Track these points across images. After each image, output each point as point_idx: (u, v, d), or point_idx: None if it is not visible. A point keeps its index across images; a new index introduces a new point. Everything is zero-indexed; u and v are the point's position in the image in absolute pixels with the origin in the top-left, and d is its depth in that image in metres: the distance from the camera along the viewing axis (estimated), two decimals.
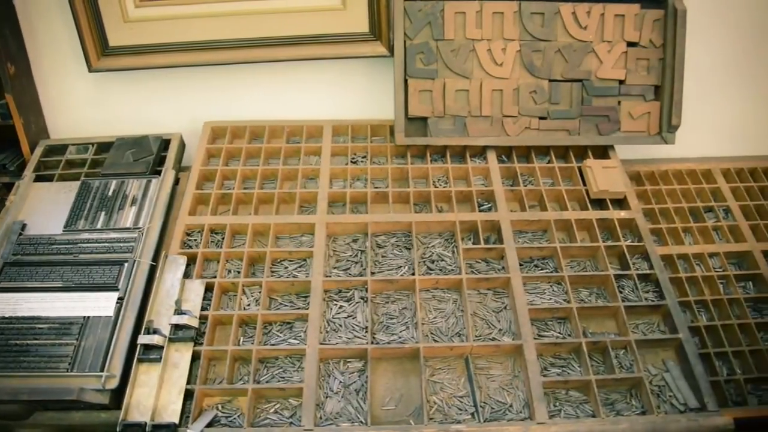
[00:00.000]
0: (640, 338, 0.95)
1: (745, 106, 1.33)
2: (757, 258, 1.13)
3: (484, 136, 1.17)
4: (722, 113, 1.33)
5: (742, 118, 1.34)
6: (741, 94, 1.31)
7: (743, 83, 1.30)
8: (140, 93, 1.24)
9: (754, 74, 1.29)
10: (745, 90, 1.31)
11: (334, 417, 0.87)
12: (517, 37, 1.15)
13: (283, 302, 1.00)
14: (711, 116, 1.33)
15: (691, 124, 1.32)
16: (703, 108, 1.32)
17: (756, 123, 1.34)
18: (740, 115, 1.33)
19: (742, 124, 1.34)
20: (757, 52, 1.27)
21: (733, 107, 1.33)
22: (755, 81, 1.30)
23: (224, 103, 1.26)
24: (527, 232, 1.10)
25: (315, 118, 1.24)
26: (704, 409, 0.88)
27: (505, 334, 0.96)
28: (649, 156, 1.32)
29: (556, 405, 0.89)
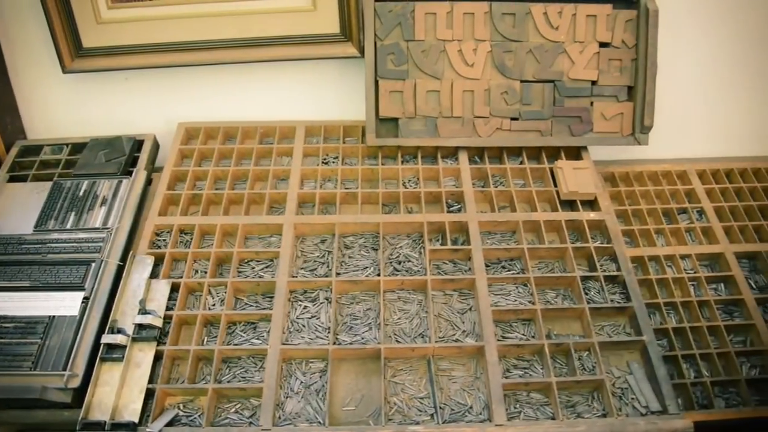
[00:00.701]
0: (604, 340, 0.94)
1: (722, 107, 1.32)
2: (729, 260, 1.13)
3: (455, 137, 1.17)
4: (700, 114, 1.32)
5: (719, 119, 1.33)
6: (718, 94, 1.30)
7: (721, 84, 1.29)
8: (117, 94, 1.25)
9: (731, 75, 1.28)
10: (723, 91, 1.30)
11: (293, 417, 0.87)
12: (488, 38, 1.14)
13: (248, 302, 1.01)
14: (688, 117, 1.32)
15: (668, 125, 1.32)
16: (680, 109, 1.31)
17: (733, 124, 1.33)
18: (717, 115, 1.32)
19: (719, 125, 1.33)
20: (734, 52, 1.26)
21: (711, 108, 1.32)
22: (732, 82, 1.29)
23: (200, 104, 1.26)
24: (496, 233, 1.10)
25: (289, 119, 1.24)
26: (666, 412, 0.88)
27: (469, 336, 0.96)
28: (625, 157, 1.31)
29: (517, 407, 0.89)
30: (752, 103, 1.31)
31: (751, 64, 1.27)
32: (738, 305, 1.09)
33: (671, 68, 1.26)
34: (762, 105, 1.31)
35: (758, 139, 1.33)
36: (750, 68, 1.28)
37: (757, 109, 1.32)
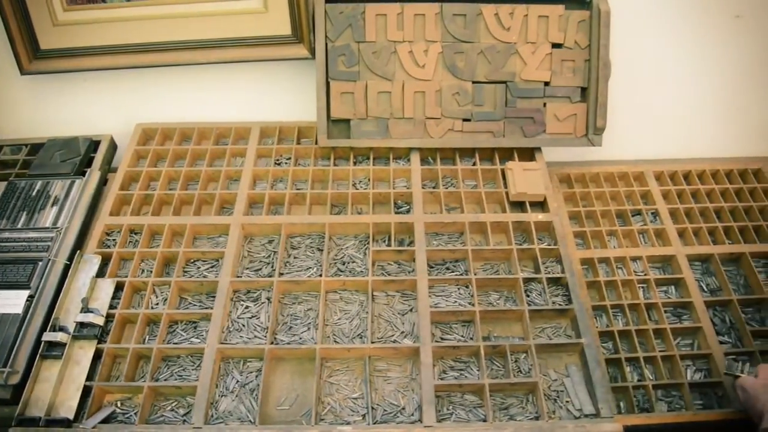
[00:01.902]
0: (543, 342, 0.94)
1: (684, 108, 1.31)
2: (681, 262, 1.12)
3: (407, 138, 1.17)
4: (661, 115, 1.31)
5: (681, 120, 1.31)
6: (680, 95, 1.29)
7: (683, 85, 1.28)
8: (78, 95, 1.27)
9: (692, 76, 1.27)
10: (685, 91, 1.29)
11: (226, 416, 0.88)
12: (439, 39, 1.14)
13: (192, 302, 1.02)
14: (650, 118, 1.31)
15: (629, 126, 1.32)
16: (641, 109, 1.30)
17: (695, 125, 1.32)
18: (679, 116, 1.31)
19: (681, 126, 1.32)
20: (694, 52, 1.25)
21: (672, 109, 1.31)
22: (694, 83, 1.28)
23: (160, 105, 1.28)
24: (443, 234, 1.10)
25: (246, 120, 1.25)
26: (599, 416, 0.87)
27: (407, 337, 0.96)
28: (587, 158, 1.30)
29: (450, 408, 0.89)
30: (714, 104, 1.30)
31: (712, 64, 1.26)
32: (687, 308, 1.08)
33: (632, 68, 1.25)
34: (723, 106, 1.30)
35: (719, 140, 1.32)
36: (711, 69, 1.26)
37: (720, 110, 1.30)
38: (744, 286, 1.12)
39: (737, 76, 1.27)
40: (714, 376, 0.99)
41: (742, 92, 1.29)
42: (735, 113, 1.31)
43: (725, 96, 1.29)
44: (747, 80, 1.27)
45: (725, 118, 1.32)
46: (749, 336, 1.02)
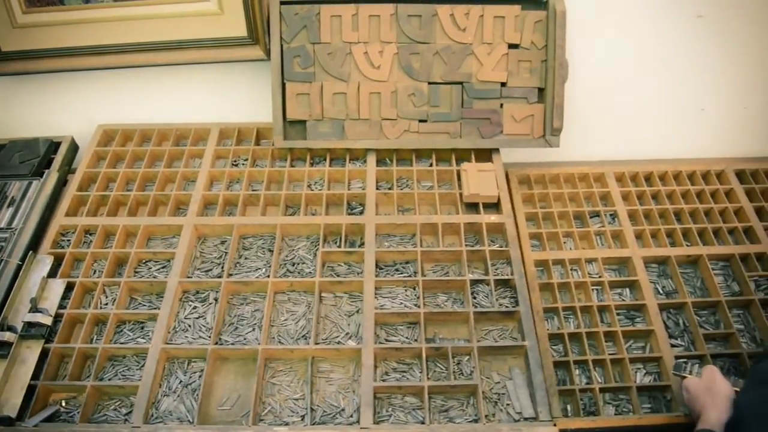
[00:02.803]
0: (487, 345, 0.94)
1: (647, 109, 1.29)
2: (636, 264, 1.11)
3: (363, 139, 1.17)
4: (624, 116, 1.30)
5: (643, 121, 1.30)
6: (642, 96, 1.28)
7: (644, 85, 1.27)
8: (42, 97, 1.28)
9: (654, 76, 1.26)
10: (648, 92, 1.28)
11: (165, 415, 0.89)
12: (395, 40, 1.14)
13: (142, 302, 1.02)
14: (612, 119, 1.30)
15: (592, 127, 1.31)
16: (604, 111, 1.29)
17: (657, 126, 1.31)
18: (641, 117, 1.30)
19: (643, 127, 1.31)
20: (657, 52, 1.24)
21: (635, 110, 1.30)
22: (657, 83, 1.27)
23: (124, 107, 1.29)
24: (396, 235, 1.10)
25: (206, 121, 1.26)
26: (538, 419, 0.87)
27: (352, 338, 0.97)
28: (549, 159, 1.29)
29: (389, 410, 0.89)
30: (678, 105, 1.29)
31: (676, 64, 1.25)
32: (640, 311, 1.07)
33: (596, 69, 1.25)
34: (687, 106, 1.29)
35: (684, 141, 1.31)
36: (675, 69, 1.25)
37: (684, 110, 1.29)
38: (701, 288, 1.11)
39: (700, 76, 1.25)
40: (664, 379, 0.98)
41: (706, 93, 1.27)
42: (699, 114, 1.29)
43: (689, 97, 1.28)
44: (710, 81, 1.26)
45: (689, 119, 1.30)
46: (701, 339, 1.01)
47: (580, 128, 1.30)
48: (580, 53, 1.22)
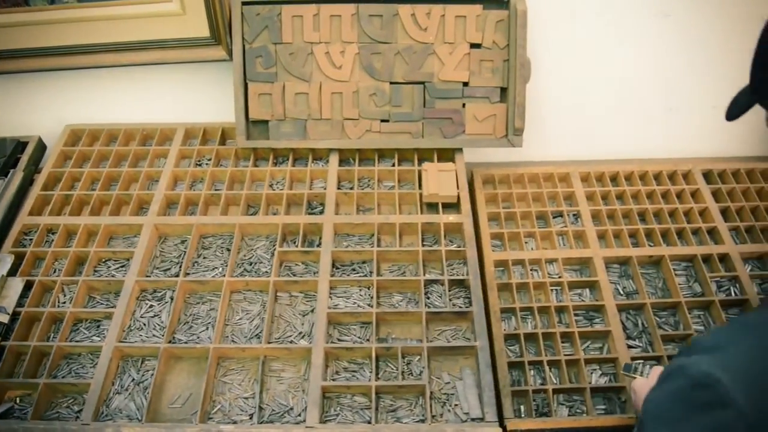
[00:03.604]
0: (437, 345, 0.94)
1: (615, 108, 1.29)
2: (597, 265, 1.10)
3: (325, 139, 1.18)
4: (593, 116, 1.29)
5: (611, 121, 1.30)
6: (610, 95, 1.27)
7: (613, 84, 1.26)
8: (9, 97, 1.29)
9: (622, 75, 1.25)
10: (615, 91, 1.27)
11: (115, 413, 0.90)
12: (356, 40, 1.14)
13: (101, 300, 1.03)
14: (580, 119, 1.30)
15: (560, 127, 1.30)
16: (572, 110, 1.29)
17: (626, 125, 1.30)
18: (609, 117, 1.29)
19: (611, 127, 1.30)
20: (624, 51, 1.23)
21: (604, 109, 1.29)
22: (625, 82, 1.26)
23: (92, 107, 1.30)
24: (354, 235, 1.10)
25: (173, 121, 1.27)
26: (484, 420, 0.87)
27: (304, 337, 0.97)
28: (516, 159, 1.29)
29: (337, 409, 0.90)
30: (646, 104, 1.28)
31: (643, 63, 1.24)
32: (599, 311, 1.06)
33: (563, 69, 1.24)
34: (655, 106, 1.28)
35: (652, 140, 1.30)
36: (643, 68, 1.24)
37: (652, 110, 1.28)
38: (663, 289, 1.10)
39: (668, 75, 1.24)
40: (619, 380, 0.98)
41: (674, 92, 1.26)
42: (667, 113, 1.28)
43: (657, 96, 1.27)
44: (678, 80, 1.25)
45: (657, 118, 1.30)
46: (659, 340, 1.01)
47: (548, 128, 1.30)
48: (546, 53, 1.21)
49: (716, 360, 0.44)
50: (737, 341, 0.46)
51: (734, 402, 0.41)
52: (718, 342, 0.46)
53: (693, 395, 0.44)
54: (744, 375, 0.43)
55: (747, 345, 0.45)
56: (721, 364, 0.44)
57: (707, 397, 0.43)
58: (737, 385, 0.42)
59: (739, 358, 0.44)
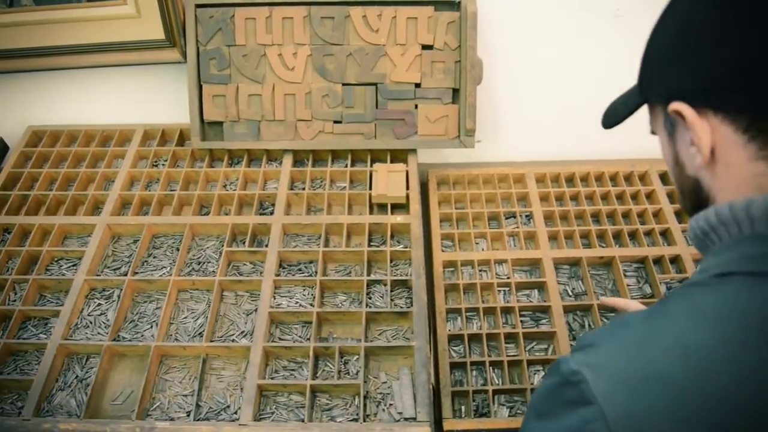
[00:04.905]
0: (377, 345, 0.95)
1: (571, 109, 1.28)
2: (546, 266, 1.10)
3: (278, 140, 1.19)
4: (550, 116, 1.29)
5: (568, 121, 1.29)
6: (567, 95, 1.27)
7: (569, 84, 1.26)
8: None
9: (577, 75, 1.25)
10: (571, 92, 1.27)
11: (56, 409, 0.91)
12: (308, 42, 1.15)
13: (51, 299, 1.05)
14: (538, 119, 1.30)
15: (518, 127, 1.30)
16: (529, 111, 1.29)
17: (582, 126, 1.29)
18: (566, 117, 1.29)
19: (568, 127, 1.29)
20: (578, 51, 1.23)
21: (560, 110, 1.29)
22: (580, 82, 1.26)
23: (56, 109, 1.32)
24: (303, 235, 1.11)
25: (132, 122, 1.29)
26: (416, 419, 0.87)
27: (246, 336, 0.98)
28: (473, 160, 1.29)
29: (273, 408, 0.91)
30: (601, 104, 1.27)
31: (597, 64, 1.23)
32: (546, 312, 1.06)
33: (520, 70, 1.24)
34: None
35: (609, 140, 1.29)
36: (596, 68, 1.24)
37: None
38: (612, 290, 1.10)
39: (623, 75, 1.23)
40: None
41: None
42: None
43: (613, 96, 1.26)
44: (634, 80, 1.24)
45: None
46: None
47: (506, 130, 1.30)
48: (502, 54, 1.22)
49: (586, 357, 0.44)
50: (611, 338, 0.46)
51: (596, 400, 0.41)
52: (593, 339, 0.46)
53: (561, 392, 0.44)
54: (609, 372, 0.42)
55: (618, 342, 0.45)
56: (590, 361, 0.43)
57: (573, 395, 0.43)
58: (601, 383, 0.41)
59: (608, 355, 0.44)
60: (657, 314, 0.44)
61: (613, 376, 0.42)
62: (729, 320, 0.40)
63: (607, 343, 0.45)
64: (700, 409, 0.38)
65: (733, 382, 0.38)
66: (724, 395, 0.38)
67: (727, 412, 0.37)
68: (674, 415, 0.38)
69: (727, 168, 0.45)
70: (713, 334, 0.40)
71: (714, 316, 0.41)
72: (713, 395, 0.38)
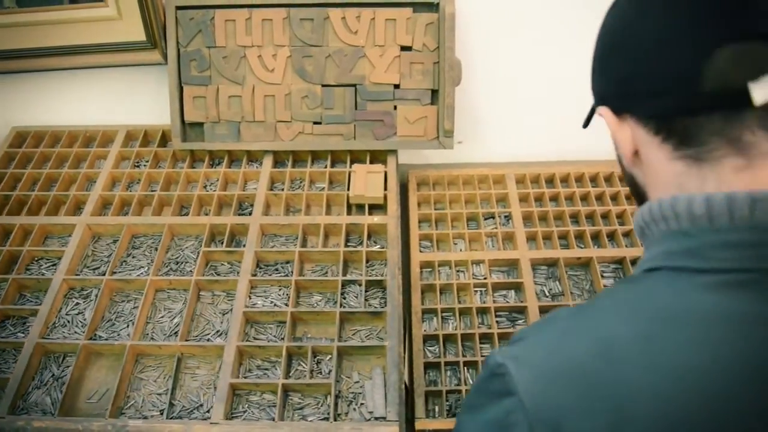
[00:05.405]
0: (350, 344, 0.95)
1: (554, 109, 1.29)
2: (524, 266, 1.11)
3: (258, 141, 1.19)
4: (534, 117, 1.29)
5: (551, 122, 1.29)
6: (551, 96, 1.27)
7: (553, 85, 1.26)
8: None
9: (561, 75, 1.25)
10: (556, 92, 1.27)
11: (31, 407, 0.92)
12: (288, 43, 1.16)
13: (30, 298, 1.06)
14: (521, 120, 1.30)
15: (498, 128, 1.30)
16: (512, 111, 1.29)
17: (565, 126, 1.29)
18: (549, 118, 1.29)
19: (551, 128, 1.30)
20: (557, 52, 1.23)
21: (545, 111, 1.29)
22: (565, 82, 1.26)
23: (41, 110, 1.33)
24: (281, 235, 1.12)
25: (116, 123, 1.30)
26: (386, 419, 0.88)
27: (221, 336, 0.99)
28: (454, 161, 1.30)
29: (245, 406, 0.91)
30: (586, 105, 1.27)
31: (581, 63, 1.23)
32: (522, 313, 1.07)
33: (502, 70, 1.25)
34: None
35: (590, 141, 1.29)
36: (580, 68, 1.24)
37: None
38: (589, 291, 1.10)
39: None
40: None
41: None
42: None
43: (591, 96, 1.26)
44: None
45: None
46: None
47: (487, 131, 1.31)
48: (483, 55, 1.22)
49: (512, 350, 0.45)
50: (538, 332, 0.47)
51: (517, 390, 0.42)
52: (523, 333, 0.48)
53: (488, 385, 0.46)
54: (531, 364, 0.43)
55: (543, 335, 0.46)
56: (514, 354, 0.45)
57: (498, 386, 0.44)
58: (522, 375, 0.43)
59: (531, 347, 0.45)
60: (584, 309, 0.46)
61: (534, 368, 0.43)
62: (643, 314, 0.42)
63: (533, 337, 0.47)
64: (610, 400, 0.39)
65: (642, 375, 0.39)
66: (634, 388, 0.39)
67: (635, 404, 0.39)
68: (587, 405, 0.40)
69: (651, 167, 0.48)
70: (628, 328, 0.41)
71: (631, 310, 0.43)
72: (624, 387, 0.39)
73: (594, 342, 0.42)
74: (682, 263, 0.42)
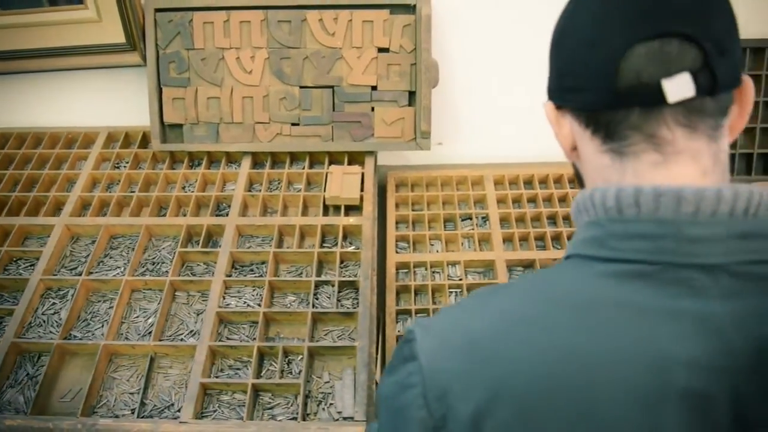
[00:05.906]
0: (322, 345, 0.96)
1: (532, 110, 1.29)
2: (499, 268, 1.11)
3: (237, 143, 1.20)
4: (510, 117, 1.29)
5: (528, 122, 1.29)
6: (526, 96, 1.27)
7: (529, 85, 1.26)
8: None
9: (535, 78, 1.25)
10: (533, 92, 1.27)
11: (5, 406, 0.93)
12: (266, 45, 1.17)
13: (8, 298, 1.07)
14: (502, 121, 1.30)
15: (479, 129, 1.31)
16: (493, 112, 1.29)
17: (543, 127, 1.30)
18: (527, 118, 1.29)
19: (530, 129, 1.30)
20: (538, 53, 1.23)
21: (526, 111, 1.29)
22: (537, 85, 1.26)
23: (23, 111, 1.34)
24: (258, 236, 1.12)
25: (99, 125, 1.31)
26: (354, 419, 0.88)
27: (195, 336, 0.99)
28: (435, 162, 1.30)
29: (216, 406, 0.92)
30: None
31: None
32: None
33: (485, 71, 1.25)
34: None
35: None
36: None
37: None
38: None
39: None
40: None
41: None
42: None
43: None
44: None
45: None
46: None
47: (467, 132, 1.31)
48: (459, 56, 1.23)
49: (426, 320, 0.49)
50: (456, 306, 0.50)
51: (418, 355, 0.45)
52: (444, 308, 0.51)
53: (400, 350, 0.49)
54: (435, 332, 0.46)
55: (456, 309, 0.49)
56: (424, 323, 0.48)
57: (406, 351, 0.47)
58: (426, 341, 0.46)
59: (441, 318, 0.48)
60: (499, 288, 0.49)
61: (436, 337, 0.46)
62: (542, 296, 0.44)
63: (448, 309, 0.50)
64: (490, 372, 0.42)
65: (522, 352, 0.42)
66: (514, 363, 0.42)
67: (513, 379, 0.41)
68: (470, 375, 0.43)
69: (585, 159, 0.50)
70: (524, 309, 0.44)
71: (534, 292, 0.45)
72: (505, 362, 0.42)
73: (491, 319, 0.45)
74: (588, 252, 0.44)
